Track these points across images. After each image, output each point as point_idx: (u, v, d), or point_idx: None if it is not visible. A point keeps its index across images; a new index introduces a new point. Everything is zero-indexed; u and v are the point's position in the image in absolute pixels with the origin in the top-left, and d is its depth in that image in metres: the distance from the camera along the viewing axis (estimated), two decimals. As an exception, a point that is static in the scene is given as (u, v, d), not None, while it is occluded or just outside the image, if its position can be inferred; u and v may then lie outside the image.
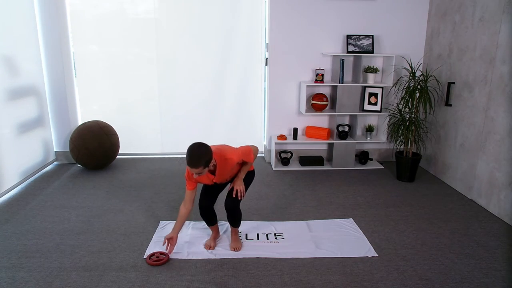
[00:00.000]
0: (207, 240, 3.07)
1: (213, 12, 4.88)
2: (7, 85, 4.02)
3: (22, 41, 4.28)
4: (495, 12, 3.59)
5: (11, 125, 4.08)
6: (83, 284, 2.55)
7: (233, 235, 3.04)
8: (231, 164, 2.70)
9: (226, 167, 2.71)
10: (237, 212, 2.89)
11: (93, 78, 5.01)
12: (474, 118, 3.88)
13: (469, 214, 3.61)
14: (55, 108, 4.82)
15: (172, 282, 2.57)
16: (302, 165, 4.90)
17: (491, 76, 3.64)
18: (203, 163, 2.49)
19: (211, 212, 2.95)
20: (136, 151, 5.28)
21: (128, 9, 4.85)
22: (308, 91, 4.90)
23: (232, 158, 2.68)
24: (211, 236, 3.07)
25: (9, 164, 4.03)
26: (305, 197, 3.97)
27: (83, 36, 4.88)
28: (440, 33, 4.51)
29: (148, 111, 5.16)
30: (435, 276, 2.65)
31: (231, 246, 3.00)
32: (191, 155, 2.47)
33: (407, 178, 4.40)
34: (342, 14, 4.74)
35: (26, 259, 2.82)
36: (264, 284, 2.56)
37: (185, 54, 4.99)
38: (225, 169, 2.72)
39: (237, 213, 2.89)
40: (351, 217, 3.53)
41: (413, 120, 4.29)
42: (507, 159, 3.42)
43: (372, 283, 2.57)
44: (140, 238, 3.13)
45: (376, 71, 4.74)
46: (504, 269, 2.75)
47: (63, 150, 4.98)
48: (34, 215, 3.54)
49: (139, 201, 3.86)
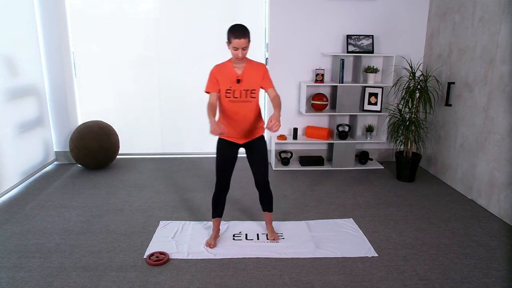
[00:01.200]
0: (208, 238, 3.08)
1: (213, 12, 4.88)
2: (7, 85, 4.02)
3: (22, 41, 4.28)
4: (495, 12, 3.59)
5: (11, 125, 4.08)
6: (83, 284, 2.55)
7: (269, 224, 3.13)
8: (260, 68, 2.78)
9: (254, 70, 2.76)
10: (270, 191, 3.02)
11: (93, 78, 5.01)
12: (474, 118, 3.88)
13: (469, 214, 3.61)
14: (55, 108, 4.82)
15: (172, 282, 2.57)
16: (302, 165, 4.90)
17: (491, 76, 3.64)
18: (249, 35, 2.62)
19: (224, 196, 2.98)
20: (136, 151, 5.28)
21: (128, 9, 4.85)
22: (308, 91, 4.90)
23: (263, 66, 2.79)
24: (211, 235, 3.08)
25: (9, 164, 4.03)
26: (305, 197, 3.97)
27: (83, 36, 4.88)
28: (440, 33, 4.51)
29: (148, 111, 5.16)
30: (435, 276, 2.65)
31: (269, 237, 3.10)
32: (239, 25, 2.63)
33: (407, 178, 4.40)
34: (342, 14, 4.74)
35: (26, 259, 2.82)
36: (264, 284, 2.56)
37: (185, 54, 5.00)
38: (252, 72, 2.75)
39: (270, 192, 3.01)
40: (351, 217, 3.53)
41: (413, 120, 4.29)
42: (507, 159, 3.42)
43: (372, 283, 2.57)
44: (140, 238, 3.13)
45: (376, 71, 4.74)
46: (504, 269, 2.75)
47: (63, 150, 4.98)
48: (34, 215, 3.54)
49: (139, 201, 3.86)
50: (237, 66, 2.76)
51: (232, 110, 2.78)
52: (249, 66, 2.77)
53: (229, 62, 2.79)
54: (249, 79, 2.75)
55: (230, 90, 2.75)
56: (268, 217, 3.13)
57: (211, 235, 3.08)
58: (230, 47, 2.66)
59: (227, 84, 2.74)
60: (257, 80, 2.76)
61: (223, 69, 2.77)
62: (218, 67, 2.78)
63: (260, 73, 2.77)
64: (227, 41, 2.67)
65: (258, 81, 2.77)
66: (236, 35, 2.59)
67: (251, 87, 2.76)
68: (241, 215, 3.56)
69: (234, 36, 2.59)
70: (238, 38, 2.58)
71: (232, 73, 2.75)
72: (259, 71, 2.77)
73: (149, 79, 5.06)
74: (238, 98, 2.75)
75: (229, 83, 2.74)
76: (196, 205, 3.75)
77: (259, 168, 2.90)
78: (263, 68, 2.79)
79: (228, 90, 2.75)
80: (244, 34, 2.59)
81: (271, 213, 3.13)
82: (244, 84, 2.75)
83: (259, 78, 2.77)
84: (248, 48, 2.66)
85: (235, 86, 2.74)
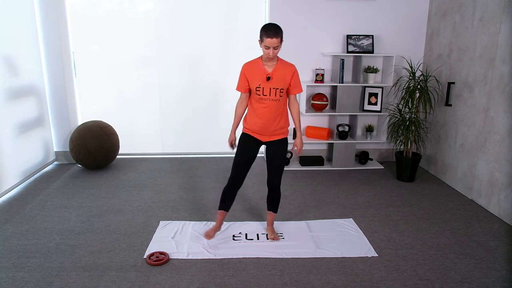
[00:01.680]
0: (208, 229, 3.11)
1: (213, 12, 4.88)
2: (7, 85, 4.02)
3: (22, 41, 4.28)
4: (495, 12, 3.59)
5: (11, 125, 4.08)
6: (83, 284, 2.55)
7: (270, 225, 3.14)
8: (290, 69, 2.79)
9: (284, 69, 2.78)
10: (279, 193, 3.04)
11: (93, 78, 5.01)
12: (474, 118, 3.88)
13: (469, 214, 3.61)
14: (55, 108, 4.82)
15: (172, 282, 2.57)
16: (302, 165, 4.90)
17: (491, 76, 3.64)
18: (281, 34, 2.64)
19: (236, 191, 3.00)
20: (136, 151, 5.28)
21: (128, 9, 4.85)
22: (308, 91, 4.90)
23: (293, 67, 2.81)
24: (213, 226, 3.10)
25: (9, 164, 4.03)
26: (305, 197, 3.97)
27: (83, 36, 4.88)
28: (440, 33, 4.51)
29: (148, 111, 5.16)
30: (435, 276, 2.66)
31: (270, 236, 3.11)
32: (272, 24, 2.65)
33: (407, 178, 4.40)
34: (342, 14, 4.74)
35: (26, 259, 2.82)
36: (264, 284, 2.56)
37: (185, 53, 5.00)
38: (283, 71, 2.77)
39: (279, 193, 3.03)
40: (351, 217, 3.53)
41: (413, 120, 4.29)
42: (507, 159, 3.42)
43: (372, 283, 2.57)
44: (140, 238, 3.13)
45: (376, 71, 4.74)
46: (504, 269, 2.75)
47: (63, 150, 4.98)
48: (34, 215, 3.54)
49: (139, 201, 3.86)
50: (268, 64, 2.78)
51: (260, 107, 2.82)
52: (280, 65, 2.79)
53: (260, 60, 2.81)
54: (279, 78, 2.77)
55: (260, 87, 2.78)
56: (271, 217, 3.14)
57: (213, 226, 3.10)
58: (261, 45, 2.69)
59: (257, 81, 2.77)
60: (286, 79, 2.80)
61: (253, 67, 2.80)
62: (248, 65, 2.82)
63: (290, 73, 2.79)
64: (259, 40, 2.71)
65: (287, 81, 2.80)
66: (269, 34, 2.61)
67: (281, 86, 2.79)
68: (241, 215, 3.55)
69: (267, 35, 2.62)
70: (270, 37, 2.61)
71: (262, 70, 2.77)
72: (289, 71, 2.80)
73: (149, 79, 5.06)
74: (267, 96, 2.78)
75: (259, 80, 2.77)
76: (196, 205, 3.75)
77: (275, 169, 2.94)
78: (294, 69, 2.82)
79: (257, 88, 2.78)
80: (277, 34, 2.62)
81: (275, 214, 3.14)
82: (274, 82, 2.77)
83: (288, 78, 2.80)
84: (280, 48, 2.69)
85: (264, 84, 2.77)
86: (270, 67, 2.78)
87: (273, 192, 3.03)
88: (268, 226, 3.17)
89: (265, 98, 2.78)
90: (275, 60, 2.79)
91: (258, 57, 2.83)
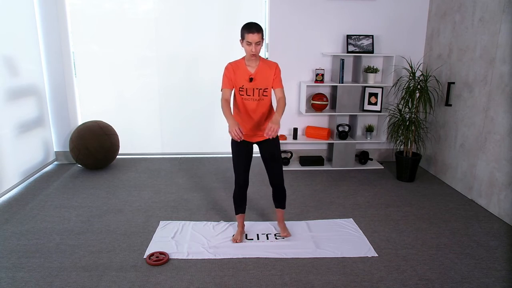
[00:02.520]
0: (234, 234, 3.13)
1: (213, 12, 4.88)
2: (7, 85, 4.02)
3: (22, 41, 4.28)
4: (495, 12, 3.59)
5: (11, 125, 4.08)
6: (83, 284, 2.55)
7: (281, 222, 3.15)
8: (272, 67, 2.80)
9: (267, 69, 2.80)
10: (284, 189, 3.04)
11: (93, 78, 5.01)
12: (474, 118, 3.88)
13: (469, 214, 3.61)
14: (55, 108, 4.82)
15: (172, 282, 2.57)
16: (302, 165, 4.90)
17: (491, 76, 3.64)
18: (262, 32, 2.68)
19: (245, 192, 3.01)
20: (136, 151, 5.28)
21: (128, 9, 4.85)
22: (308, 91, 4.90)
23: (275, 65, 2.80)
24: (237, 231, 3.12)
25: (9, 164, 4.03)
26: (305, 197, 3.97)
27: (83, 36, 4.88)
28: (440, 33, 4.51)
29: (148, 111, 5.16)
30: (435, 276, 2.65)
31: (282, 234, 3.13)
32: (252, 22, 2.70)
33: (407, 178, 4.40)
34: (342, 14, 4.74)
35: (26, 259, 2.82)
36: (264, 284, 2.56)
37: (185, 54, 5.00)
38: (265, 71, 2.78)
39: (284, 190, 3.03)
40: (351, 217, 3.53)
41: (413, 120, 4.29)
42: (507, 159, 3.42)
43: (372, 283, 2.57)
44: (140, 238, 3.13)
45: (376, 71, 4.74)
46: (504, 269, 2.75)
47: (63, 150, 4.98)
48: (34, 215, 3.54)
49: (139, 201, 3.86)
50: (251, 65, 2.79)
51: (245, 108, 2.84)
52: (263, 65, 2.80)
53: (243, 60, 2.82)
54: (261, 78, 2.78)
55: (243, 88, 2.80)
56: (280, 214, 3.16)
57: (237, 231, 3.13)
58: (243, 43, 2.71)
59: (240, 82, 2.79)
60: (269, 79, 2.80)
61: (236, 67, 2.81)
62: (232, 65, 2.83)
63: (272, 72, 2.80)
64: (240, 39, 2.73)
65: (270, 80, 2.81)
66: (250, 30, 2.65)
67: (264, 86, 2.80)
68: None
69: (248, 31, 2.65)
70: (252, 32, 2.65)
71: (245, 71, 2.78)
72: (271, 70, 2.80)
73: (149, 79, 5.06)
74: (250, 96, 2.80)
75: (242, 81, 2.78)
76: (196, 205, 3.75)
77: (271, 168, 2.96)
78: (275, 67, 2.82)
79: (241, 88, 2.80)
80: (258, 30, 2.66)
81: (284, 210, 3.16)
82: (257, 83, 2.78)
83: (271, 77, 2.80)
84: (261, 45, 2.70)
85: (247, 85, 2.78)
86: (253, 68, 2.79)
87: (278, 190, 3.05)
88: (279, 223, 3.19)
89: (249, 98, 2.81)
90: (257, 60, 2.80)
91: (241, 58, 2.85)
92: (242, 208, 3.08)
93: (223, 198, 3.91)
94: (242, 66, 2.80)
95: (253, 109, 2.84)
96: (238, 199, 3.04)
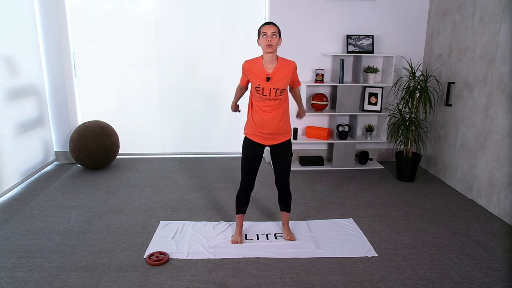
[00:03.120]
0: (233, 236, 3.11)
1: (213, 12, 4.88)
2: (7, 85, 4.02)
3: (22, 41, 4.28)
4: (495, 12, 3.59)
5: (11, 125, 4.08)
6: (83, 284, 2.55)
7: (286, 225, 3.15)
8: (290, 67, 2.80)
9: (285, 68, 2.79)
10: (290, 192, 3.06)
11: (93, 78, 5.01)
12: (474, 118, 3.88)
13: (469, 214, 3.61)
14: (55, 108, 4.82)
15: (172, 282, 2.57)
16: (302, 165, 4.90)
17: (491, 76, 3.64)
18: (279, 28, 2.74)
19: (248, 195, 3.02)
20: (136, 151, 5.28)
21: (128, 9, 4.85)
22: (308, 91, 4.90)
23: (293, 65, 2.82)
24: (236, 232, 3.11)
25: (9, 164, 4.03)
26: (305, 197, 3.97)
27: (83, 36, 4.88)
28: (440, 33, 4.51)
29: (148, 111, 5.16)
30: (435, 276, 2.66)
31: (286, 237, 3.11)
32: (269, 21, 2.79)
33: (407, 178, 4.40)
34: (342, 14, 4.74)
35: (26, 259, 2.82)
36: (264, 284, 2.56)
37: (185, 54, 5.00)
38: (283, 70, 2.78)
39: (289, 193, 3.05)
40: (351, 217, 3.53)
41: (413, 120, 4.29)
42: (507, 159, 3.42)
43: (372, 283, 2.57)
44: (140, 238, 3.13)
45: (376, 71, 4.74)
46: (504, 269, 2.75)
47: (63, 150, 4.98)
48: (34, 215, 3.54)
49: (139, 201, 3.86)
50: (268, 67, 2.77)
51: (261, 106, 2.82)
52: (280, 65, 2.79)
53: (260, 59, 2.80)
54: (279, 77, 2.76)
55: (259, 87, 2.77)
56: (285, 217, 3.15)
57: (236, 231, 3.12)
58: (260, 41, 2.73)
59: (257, 81, 2.78)
60: (287, 78, 2.80)
61: (253, 65, 2.81)
62: (249, 63, 2.83)
63: (290, 71, 2.80)
64: (257, 39, 2.78)
65: (287, 80, 2.81)
66: (265, 23, 2.75)
67: (281, 86, 2.78)
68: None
69: (263, 25, 2.73)
70: (267, 24, 2.72)
71: (262, 71, 2.77)
72: (289, 69, 2.80)
73: (149, 79, 5.06)
74: (267, 96, 2.78)
75: (258, 80, 2.77)
76: (196, 205, 3.76)
77: (282, 170, 2.95)
78: (294, 66, 2.82)
79: (257, 88, 2.78)
80: (273, 24, 2.72)
81: (289, 213, 3.14)
82: (274, 82, 2.76)
83: (289, 76, 2.80)
84: (278, 40, 2.72)
85: (264, 84, 2.76)
86: (270, 69, 2.77)
87: (283, 192, 3.04)
88: (283, 226, 3.18)
89: (265, 98, 2.78)
90: (275, 61, 2.77)
91: (259, 57, 2.83)
92: (243, 209, 3.07)
93: (223, 198, 3.91)
94: (259, 65, 2.78)
95: (269, 110, 2.80)
96: (241, 201, 3.04)
